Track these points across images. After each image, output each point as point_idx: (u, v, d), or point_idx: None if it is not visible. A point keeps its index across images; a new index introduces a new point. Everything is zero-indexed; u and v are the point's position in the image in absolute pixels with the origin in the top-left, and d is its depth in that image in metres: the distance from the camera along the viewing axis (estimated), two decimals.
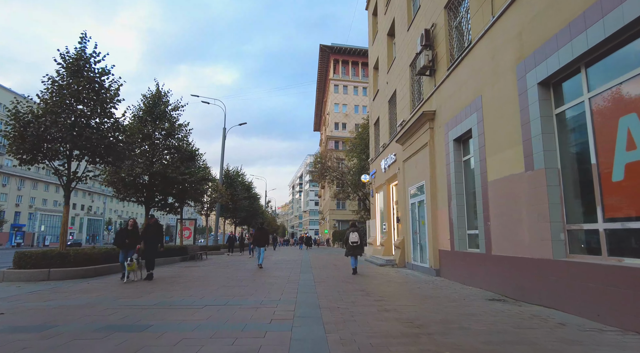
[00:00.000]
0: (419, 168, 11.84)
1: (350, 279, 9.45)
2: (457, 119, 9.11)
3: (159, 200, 16.55)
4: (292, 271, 11.42)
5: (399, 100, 14.71)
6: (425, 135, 11.18)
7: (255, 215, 39.76)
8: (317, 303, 5.87)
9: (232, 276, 9.97)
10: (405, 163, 13.38)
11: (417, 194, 12.12)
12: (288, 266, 13.89)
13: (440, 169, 10.17)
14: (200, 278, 9.62)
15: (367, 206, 35.33)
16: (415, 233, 12.22)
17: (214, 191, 26.22)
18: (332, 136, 58.33)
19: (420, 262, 11.62)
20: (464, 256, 8.68)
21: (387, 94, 16.95)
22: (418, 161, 11.98)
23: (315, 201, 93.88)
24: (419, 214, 11.89)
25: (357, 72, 60.50)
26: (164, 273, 11.28)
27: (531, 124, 6.03)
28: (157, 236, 9.75)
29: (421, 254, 11.63)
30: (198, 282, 8.77)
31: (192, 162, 17.20)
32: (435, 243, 10.36)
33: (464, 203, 9.05)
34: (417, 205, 11.99)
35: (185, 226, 22.91)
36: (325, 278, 9.72)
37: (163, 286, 7.99)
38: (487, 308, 5.60)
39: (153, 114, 15.96)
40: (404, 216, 13.48)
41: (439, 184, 10.29)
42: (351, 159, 34.83)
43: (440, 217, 10.17)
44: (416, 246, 12.13)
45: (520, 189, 6.37)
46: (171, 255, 16.44)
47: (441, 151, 10.14)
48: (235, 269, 12.50)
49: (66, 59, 10.61)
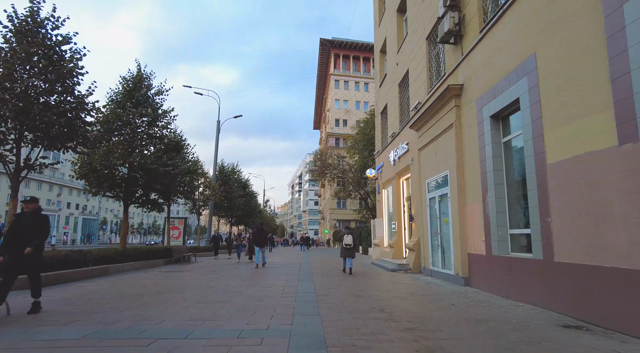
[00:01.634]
0: (441, 156, 9.97)
1: (362, 291, 7.57)
2: (496, 91, 7.24)
3: (140, 196, 14.64)
4: (288, 279, 9.54)
5: (413, 80, 12.84)
6: (449, 115, 9.32)
7: (252, 214, 37.86)
8: (321, 336, 4.00)
9: (214, 287, 8.09)
10: (422, 151, 11.51)
11: (437, 187, 10.25)
12: (285, 271, 12.01)
13: (471, 154, 8.30)
14: (172, 290, 7.73)
15: (368, 205, 33.47)
16: (435, 233, 10.35)
17: (206, 188, 24.36)
18: (332, 133, 56.46)
19: (441, 268, 9.74)
20: (506, 262, 6.81)
21: (397, 77, 15.08)
22: (439, 147, 10.11)
23: (315, 200, 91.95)
24: (440, 211, 10.02)
25: (358, 67, 58.62)
26: (136, 279, 9.41)
27: (633, 76, 4.16)
28: (36, 233, 5.39)
29: (443, 258, 9.76)
30: (167, 296, 6.88)
31: (177, 153, 15.30)
32: (463, 245, 8.49)
33: (505, 195, 7.18)
34: (438, 200, 10.12)
35: (173, 225, 21.02)
36: (329, 288, 7.84)
37: (117, 303, 6.10)
38: (575, 343, 3.73)
39: (133, 98, 14.07)
40: (420, 214, 11.61)
41: (469, 173, 8.42)
42: (353, 156, 32.92)
43: (470, 214, 8.31)
44: (436, 249, 10.26)
45: (608, 171, 4.50)
46: (153, 257, 14.56)
47: (472, 133, 8.27)
48: (220, 276, 10.61)
49: (14, 21, 8.72)
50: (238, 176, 34.67)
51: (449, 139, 9.37)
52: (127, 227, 14.15)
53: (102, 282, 8.94)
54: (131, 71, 14.68)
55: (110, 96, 14.12)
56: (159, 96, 14.92)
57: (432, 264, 10.51)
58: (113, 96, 14.10)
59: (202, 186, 24.11)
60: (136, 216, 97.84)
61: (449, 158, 9.37)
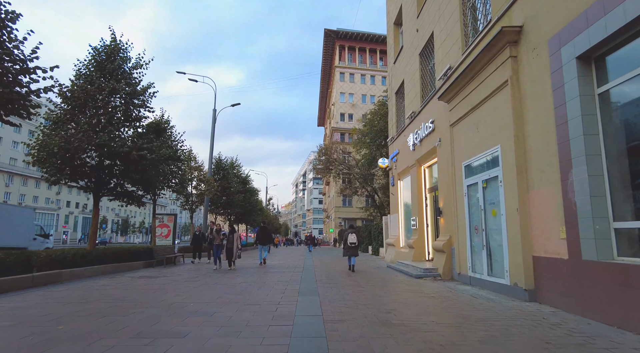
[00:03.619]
0: (486, 129, 7.62)
1: (391, 314, 5.23)
2: (588, 18, 4.89)
3: (114, 186, 12.40)
4: (286, 290, 7.23)
5: (439, 44, 10.49)
6: (500, 72, 6.97)
7: (252, 212, 35.61)
8: None
9: (179, 305, 5.81)
10: (455, 127, 9.16)
11: (481, 169, 7.90)
12: (283, 277, 9.72)
13: (538, 119, 5.95)
14: (116, 310, 5.45)
15: (376, 203, 31.11)
16: (476, 229, 8.00)
17: (200, 182, 22.12)
18: (337, 128, 54.03)
19: (488, 275, 7.39)
20: (611, 271, 4.47)
21: (417, 45, 12.73)
22: (483, 118, 7.76)
23: (319, 199, 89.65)
24: (485, 201, 7.66)
25: (364, 59, 56.10)
26: (82, 291, 7.16)
27: None
28: None
29: (489, 262, 7.41)
30: (95, 323, 4.60)
31: (156, 136, 13.05)
32: (525, 246, 6.14)
33: (604, 170, 4.84)
34: (482, 186, 7.76)
35: (162, 222, 18.77)
36: (342, 308, 5.53)
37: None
38: None
39: (105, 70, 11.82)
40: (452, 206, 9.26)
41: (534, 146, 6.07)
42: (360, 151, 30.50)
43: (537, 201, 5.96)
44: (478, 250, 7.91)
45: None
46: (130, 259, 12.34)
47: (539, 90, 5.92)
48: (197, 285, 8.34)
49: None
50: (238, 171, 32.46)
51: (500, 104, 7.03)
52: (96, 224, 11.92)
53: (26, 296, 6.70)
54: (104, 39, 12.45)
55: (78, 69, 11.88)
56: (136, 70, 12.66)
57: (471, 269, 8.16)
58: (82, 69, 11.86)
59: (195, 180, 21.86)
60: (138, 215, 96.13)
61: (499, 129, 7.02)
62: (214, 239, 12.94)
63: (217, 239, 12.84)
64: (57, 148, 10.18)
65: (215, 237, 12.92)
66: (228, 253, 11.99)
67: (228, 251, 11.97)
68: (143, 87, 12.67)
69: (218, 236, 12.84)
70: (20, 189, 67.43)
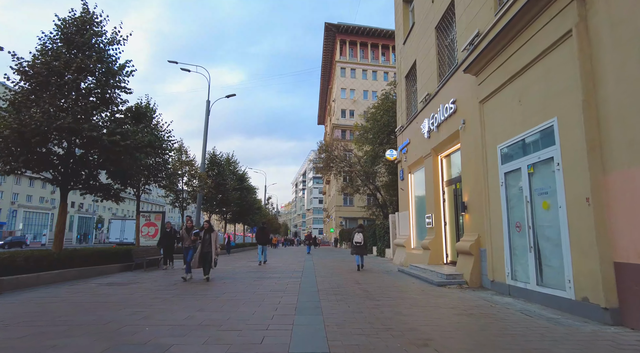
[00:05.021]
0: (532, 100, 6.02)
1: (428, 347, 3.62)
2: None
3: (85, 178, 10.78)
4: (278, 309, 5.59)
5: (463, 9, 8.89)
6: (557, 23, 5.37)
7: (250, 211, 33.98)
8: None
9: (124, 332, 4.20)
10: (488, 103, 7.55)
11: (525, 151, 6.30)
12: (278, 284, 8.12)
13: (630, 72, 4.34)
14: (33, 338, 3.85)
15: (378, 201, 29.50)
16: (518, 226, 6.40)
17: (192, 178, 20.53)
18: (338, 125, 52.43)
19: (537, 285, 5.78)
20: None
21: (432, 19, 11.14)
22: (528, 87, 6.16)
23: (319, 199, 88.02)
24: (531, 190, 6.06)
25: (365, 54, 54.49)
26: (12, 306, 5.56)
27: None
28: None
29: (539, 268, 5.80)
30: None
31: (135, 122, 11.44)
32: (602, 248, 4.54)
33: None
34: (527, 172, 6.15)
35: (149, 220, 17.16)
36: (357, 336, 3.94)
37: None
38: None
39: (73, 44, 10.22)
40: (481, 199, 7.66)
41: (618, 111, 4.47)
42: (362, 147, 28.86)
43: (622, 187, 4.36)
44: (521, 253, 6.30)
45: None
46: (104, 262, 10.74)
47: (630, 31, 4.33)
48: (166, 298, 6.74)
49: None
50: (234, 168, 30.84)
51: (556, 66, 5.43)
52: (63, 222, 10.31)
53: None
54: (74, 10, 10.84)
55: (43, 43, 10.27)
56: (112, 46, 11.06)
57: (510, 276, 6.55)
58: (48, 43, 10.24)
59: (186, 176, 20.25)
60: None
61: (554, 97, 5.43)
62: (183, 239, 10.00)
63: (186, 240, 9.72)
64: (8, 130, 8.56)
65: (184, 237, 9.85)
66: (203, 260, 8.71)
67: (203, 257, 8.69)
68: (120, 65, 11.08)
69: (189, 236, 9.62)
70: (13, 188, 65.81)
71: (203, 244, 8.76)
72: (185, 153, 20.33)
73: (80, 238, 79.15)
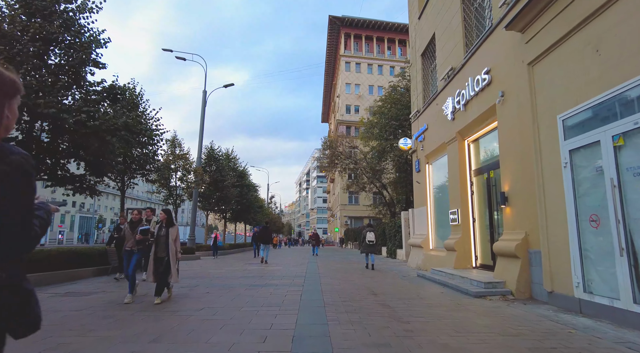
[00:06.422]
0: (616, 49, 4.36)
1: None
2: None
3: (51, 167, 9.24)
4: (267, 340, 3.98)
5: None
6: None
7: (251, 209, 32.44)
8: None
9: None
10: (541, 64, 5.89)
11: (606, 119, 4.60)
12: (272, 297, 6.52)
13: None
14: None
15: (385, 199, 27.85)
16: (594, 220, 4.74)
17: (187, 173, 19.02)
18: (342, 121, 50.77)
19: (635, 303, 4.12)
20: None
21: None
22: (607, 32, 4.50)
23: (324, 198, 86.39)
24: (619, 171, 4.38)
25: (371, 48, 52.73)
26: None
27: None
28: None
29: (635, 280, 4.14)
30: None
31: (112, 103, 9.86)
32: None
33: None
34: (612, 148, 4.46)
35: None
36: None
37: None
38: None
39: (31, 8, 8.69)
40: (531, 187, 6.01)
41: None
42: (368, 143, 27.23)
43: None
44: (600, 257, 4.64)
45: None
46: (76, 266, 9.22)
47: None
48: (110, 322, 5.17)
49: None
50: (234, 164, 29.32)
51: None
52: None
53: None
54: None
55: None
56: (83, 14, 9.53)
57: (581, 288, 4.89)
58: (4, 8, 8.73)
59: (180, 170, 18.74)
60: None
61: None
62: (123, 239, 7.11)
63: (129, 240, 6.75)
64: None
65: (127, 235, 6.85)
66: (155, 268, 5.83)
67: (156, 262, 5.85)
68: (93, 36, 9.54)
69: (132, 235, 6.50)
70: None
71: (157, 245, 5.91)
72: (180, 146, 18.83)
73: (81, 238, 78.24)
